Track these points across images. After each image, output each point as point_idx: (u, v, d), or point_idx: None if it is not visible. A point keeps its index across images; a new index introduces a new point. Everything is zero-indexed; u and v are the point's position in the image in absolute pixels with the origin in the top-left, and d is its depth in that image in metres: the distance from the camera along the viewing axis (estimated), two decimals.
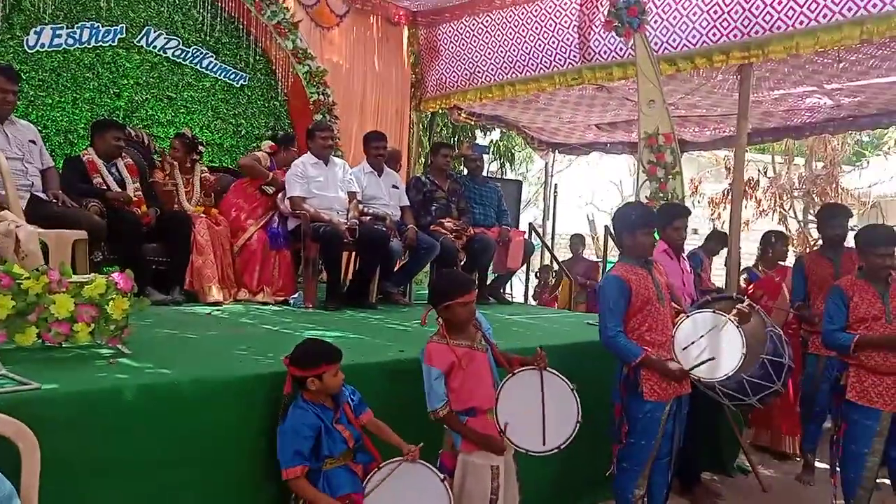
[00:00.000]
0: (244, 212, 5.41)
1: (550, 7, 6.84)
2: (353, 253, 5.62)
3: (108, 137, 4.92)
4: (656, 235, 3.82)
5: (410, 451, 2.64)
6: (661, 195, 5.11)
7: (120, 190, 4.84)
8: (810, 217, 11.19)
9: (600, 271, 9.09)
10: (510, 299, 6.89)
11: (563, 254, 9.87)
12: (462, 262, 5.83)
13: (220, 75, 6.74)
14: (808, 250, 9.97)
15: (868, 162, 11.53)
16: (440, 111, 8.83)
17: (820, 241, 5.34)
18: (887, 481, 3.84)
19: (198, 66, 6.59)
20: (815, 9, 5.16)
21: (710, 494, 4.44)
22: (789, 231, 11.27)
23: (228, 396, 2.59)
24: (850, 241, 4.88)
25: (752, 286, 5.61)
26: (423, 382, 2.81)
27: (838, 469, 3.86)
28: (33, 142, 4.41)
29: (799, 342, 4.94)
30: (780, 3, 5.33)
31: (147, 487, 2.37)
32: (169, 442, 2.42)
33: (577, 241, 9.14)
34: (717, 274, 6.37)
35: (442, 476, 2.66)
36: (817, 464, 4.95)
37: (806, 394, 4.88)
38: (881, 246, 3.67)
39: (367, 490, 2.59)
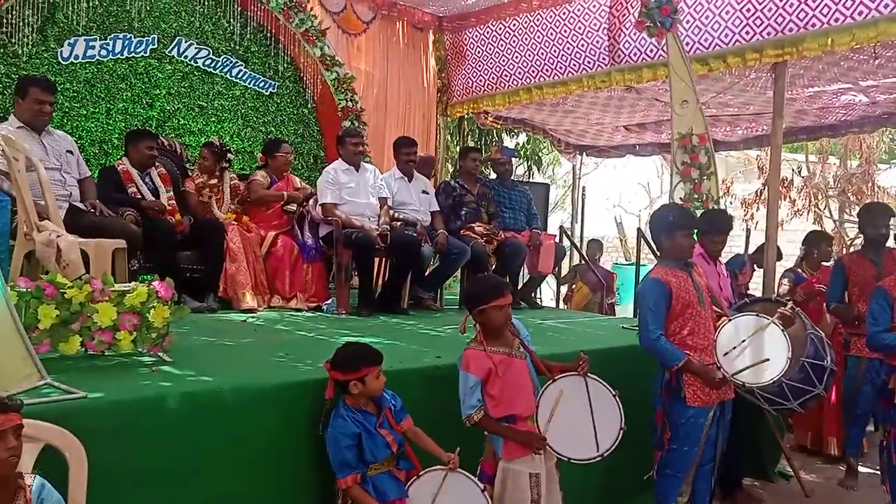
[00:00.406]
0: (262, 229, 5.39)
1: (579, 10, 6.80)
2: (384, 258, 5.62)
3: (142, 147, 4.98)
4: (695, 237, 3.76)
5: (451, 458, 2.61)
6: (696, 196, 5.01)
7: (154, 199, 4.89)
8: (846, 216, 10.99)
9: (615, 280, 8.94)
10: (541, 303, 6.84)
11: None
12: (493, 267, 5.80)
13: (249, 84, 6.78)
14: (844, 250, 9.79)
15: None
16: (467, 115, 8.81)
17: (858, 241, 5.23)
18: None
19: (228, 75, 6.64)
20: (851, 6, 5.06)
21: (752, 500, 4.36)
22: (824, 230, 11.05)
23: (270, 403, 2.59)
24: (891, 242, 4.79)
25: (800, 288, 5.47)
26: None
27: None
28: (70, 152, 4.47)
29: (840, 344, 4.83)
30: (814, 1, 5.24)
31: (190, 495, 2.37)
32: (212, 450, 2.43)
33: (593, 247, 8.80)
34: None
35: (482, 486, 2.62)
36: (861, 468, 4.84)
37: (847, 396, 4.77)
38: None
39: (408, 497, 2.57)
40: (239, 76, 6.71)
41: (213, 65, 6.54)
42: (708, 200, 5.07)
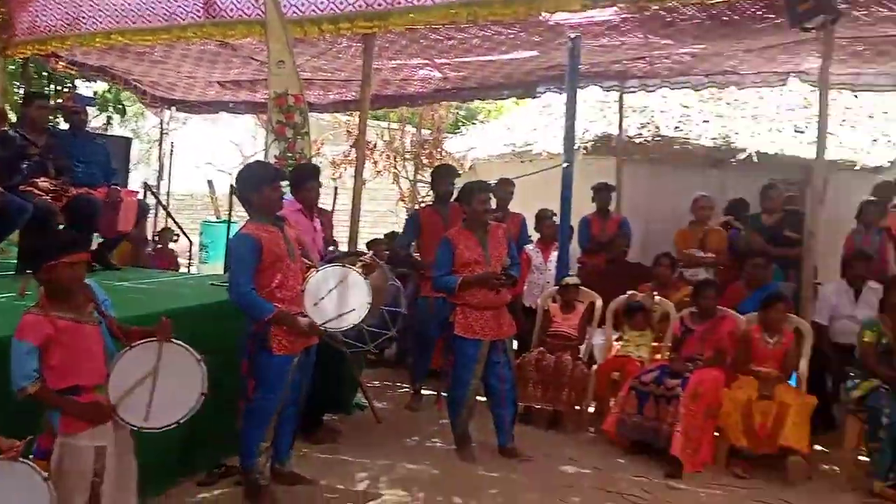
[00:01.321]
0: None
1: None
2: None
3: None
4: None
5: (14, 447, 2.26)
6: (290, 155, 5.11)
7: None
8: (419, 177, 12.38)
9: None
10: (117, 264, 6.25)
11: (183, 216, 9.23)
12: (61, 227, 5.11)
13: None
14: (416, 206, 11.03)
15: (467, 130, 13.06)
16: (33, 57, 7.57)
17: (428, 198, 5.90)
18: (484, 399, 4.45)
19: None
20: None
21: (332, 433, 4.65)
22: (401, 188, 12.33)
23: None
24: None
25: None
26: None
27: (444, 394, 4.45)
28: None
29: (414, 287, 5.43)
30: None
31: None
32: None
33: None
34: None
35: (45, 475, 2.30)
36: (425, 391, 5.51)
37: (418, 333, 5.37)
38: (481, 193, 4.31)
39: None
40: None
41: None
42: (301, 158, 5.22)
